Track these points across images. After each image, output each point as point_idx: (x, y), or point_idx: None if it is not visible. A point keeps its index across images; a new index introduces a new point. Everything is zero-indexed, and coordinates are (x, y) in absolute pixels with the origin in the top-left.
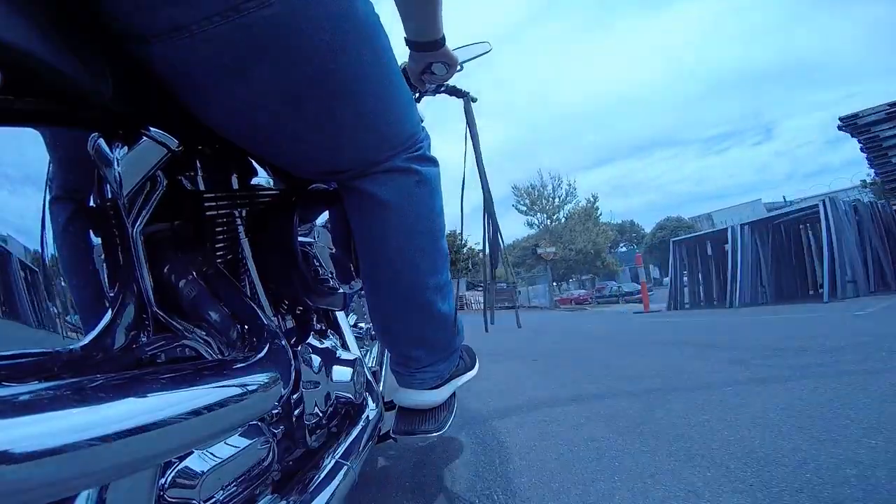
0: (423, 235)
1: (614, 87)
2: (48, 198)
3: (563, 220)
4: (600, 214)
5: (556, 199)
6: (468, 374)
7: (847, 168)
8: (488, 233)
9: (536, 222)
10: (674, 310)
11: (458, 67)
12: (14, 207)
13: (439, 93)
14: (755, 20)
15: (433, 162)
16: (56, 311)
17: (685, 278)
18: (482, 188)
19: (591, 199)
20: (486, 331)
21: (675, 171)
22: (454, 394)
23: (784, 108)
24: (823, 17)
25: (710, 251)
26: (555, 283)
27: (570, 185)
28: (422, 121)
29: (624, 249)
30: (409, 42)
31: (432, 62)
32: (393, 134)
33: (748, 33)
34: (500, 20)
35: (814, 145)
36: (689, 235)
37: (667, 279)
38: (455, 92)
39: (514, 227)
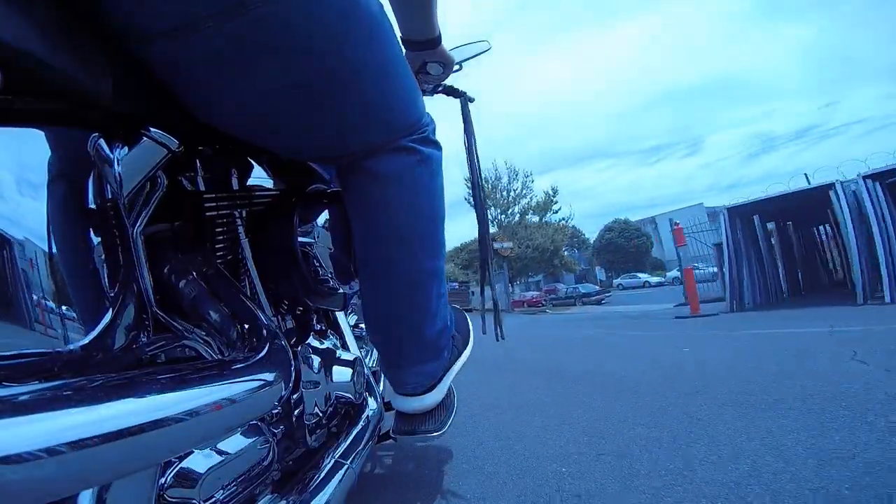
0: (422, 216)
1: (557, 97)
2: (48, 198)
3: (517, 215)
4: (559, 209)
5: (512, 193)
6: (460, 359)
7: (765, 180)
8: (484, 238)
9: (490, 217)
10: (737, 311)
11: (457, 67)
12: (14, 207)
13: (437, 93)
14: (689, 39)
15: (436, 145)
16: (56, 311)
17: (723, 265)
18: (476, 188)
19: (551, 192)
20: (497, 339)
21: (611, 182)
22: (454, 393)
23: (710, 123)
24: (752, 37)
25: (757, 228)
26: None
27: (526, 176)
28: None
29: (566, 253)
30: (403, 40)
31: (427, 61)
32: (398, 120)
33: (682, 51)
34: (452, 25)
35: (734, 159)
36: (751, 199)
37: (617, 281)
38: (452, 92)
39: (462, 226)
